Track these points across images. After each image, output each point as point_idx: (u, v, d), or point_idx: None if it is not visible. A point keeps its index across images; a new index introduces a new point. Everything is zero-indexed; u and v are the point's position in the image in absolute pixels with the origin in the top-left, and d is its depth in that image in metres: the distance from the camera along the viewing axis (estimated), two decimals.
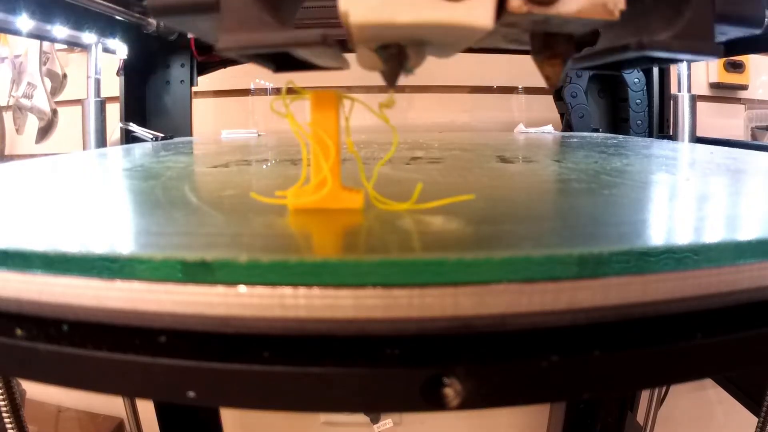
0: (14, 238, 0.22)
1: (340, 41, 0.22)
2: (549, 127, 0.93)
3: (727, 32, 0.23)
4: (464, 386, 0.18)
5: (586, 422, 0.88)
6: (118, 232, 0.24)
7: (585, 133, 0.86)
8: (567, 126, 0.91)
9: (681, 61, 0.69)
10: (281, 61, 0.24)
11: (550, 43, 0.22)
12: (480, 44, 0.25)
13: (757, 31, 0.23)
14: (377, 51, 0.22)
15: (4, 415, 0.42)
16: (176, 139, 0.82)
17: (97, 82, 0.75)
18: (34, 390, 0.94)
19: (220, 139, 0.87)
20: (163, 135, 0.81)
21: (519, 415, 1.04)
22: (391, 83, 0.23)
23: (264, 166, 0.46)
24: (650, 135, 0.90)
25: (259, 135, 0.90)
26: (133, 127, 0.81)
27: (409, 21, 0.19)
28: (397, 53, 0.22)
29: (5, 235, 0.23)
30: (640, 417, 0.88)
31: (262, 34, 0.21)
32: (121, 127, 0.82)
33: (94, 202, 0.32)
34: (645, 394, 0.88)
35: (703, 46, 0.22)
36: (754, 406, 0.54)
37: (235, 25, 0.21)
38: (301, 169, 0.43)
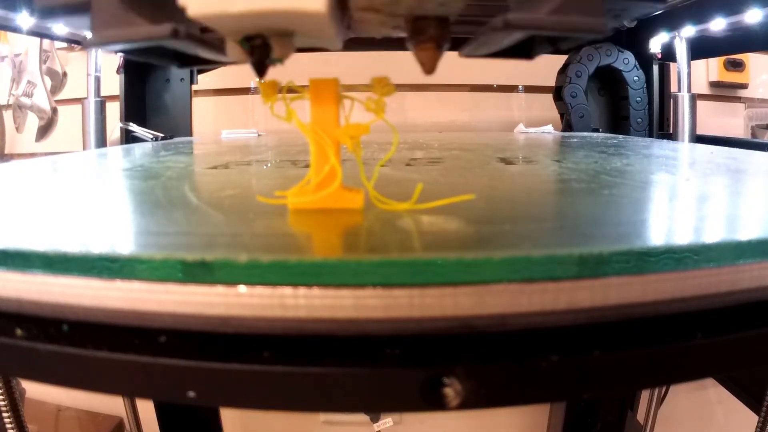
0: (14, 238, 0.22)
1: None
2: (549, 127, 0.93)
3: (627, 7, 0.22)
4: (464, 386, 0.18)
5: (586, 421, 0.88)
6: (118, 232, 0.24)
7: (585, 133, 0.86)
8: (567, 126, 0.91)
9: (576, 40, 0.69)
10: (181, 57, 0.24)
11: (421, 28, 0.22)
12: (361, 33, 0.25)
13: (659, 7, 0.22)
14: (241, 43, 0.23)
15: (4, 414, 0.42)
16: (176, 139, 0.82)
17: (97, 80, 0.75)
18: (33, 389, 0.94)
19: (220, 139, 0.87)
20: (162, 135, 0.81)
21: (519, 415, 1.04)
22: (260, 74, 0.23)
23: (264, 167, 0.46)
24: (650, 133, 0.90)
25: (259, 135, 0.90)
26: (133, 127, 0.81)
27: (242, 10, 0.19)
28: (260, 44, 0.22)
29: (5, 235, 0.23)
30: (641, 416, 0.88)
31: (120, 31, 0.21)
32: (121, 127, 0.82)
33: (95, 202, 0.32)
34: (645, 394, 0.88)
35: (586, 23, 0.20)
36: (754, 404, 0.54)
37: (100, 23, 0.22)
38: (302, 169, 0.43)
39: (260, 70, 0.23)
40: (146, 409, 0.82)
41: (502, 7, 0.21)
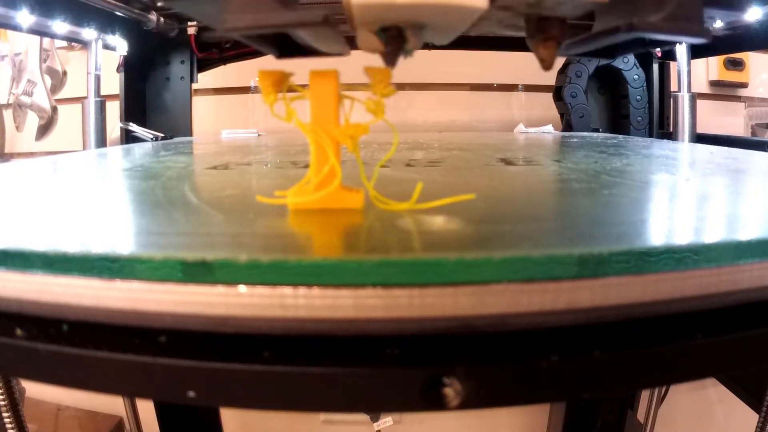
0: (14, 238, 0.22)
1: (342, 29, 0.23)
2: (549, 127, 0.93)
3: (715, 15, 0.24)
4: (464, 386, 0.18)
5: (587, 421, 0.88)
6: (119, 232, 0.24)
7: (585, 133, 0.86)
8: (567, 126, 0.91)
9: (672, 43, 0.70)
10: (284, 46, 0.24)
11: (544, 26, 0.23)
12: (478, 31, 0.26)
13: (741, 15, 0.25)
14: (377, 33, 0.23)
15: (4, 413, 0.42)
16: (176, 139, 0.82)
17: (97, 78, 0.75)
18: (33, 388, 0.94)
19: (220, 138, 0.87)
20: (162, 135, 0.81)
21: (519, 415, 1.04)
22: (391, 64, 0.23)
23: (264, 167, 0.46)
24: (650, 132, 0.90)
25: (259, 135, 0.90)
26: (133, 127, 0.81)
27: (408, 1, 0.19)
28: (396, 35, 0.23)
29: (5, 235, 0.23)
30: (641, 415, 0.88)
31: (266, 15, 0.21)
32: (120, 127, 0.82)
33: (95, 202, 0.32)
34: (645, 393, 0.88)
35: (692, 28, 0.22)
36: (754, 403, 0.54)
37: (239, 7, 0.22)
38: (302, 169, 0.43)
39: (392, 60, 0.23)
40: (146, 408, 0.82)
41: (609, 11, 0.23)
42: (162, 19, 0.80)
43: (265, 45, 0.24)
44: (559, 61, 0.93)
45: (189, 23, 0.84)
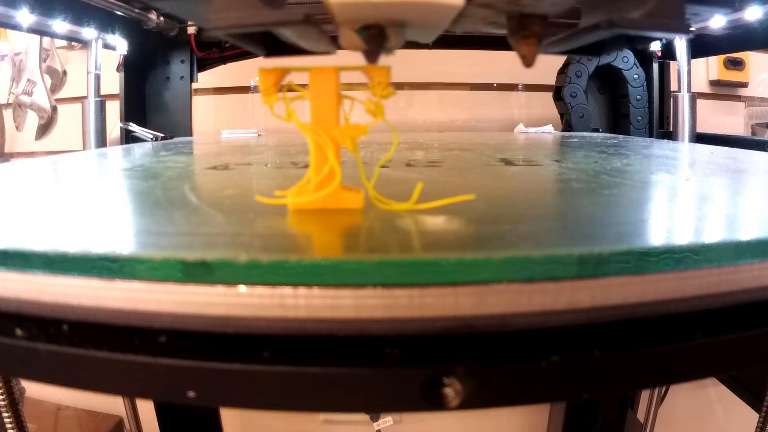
0: (14, 238, 0.22)
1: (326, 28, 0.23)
2: (549, 127, 0.93)
3: (699, 12, 0.24)
4: (464, 386, 0.18)
5: (587, 420, 0.88)
6: (119, 232, 0.24)
7: (585, 133, 0.86)
8: (567, 126, 0.91)
9: (653, 39, 0.70)
10: (271, 45, 0.25)
11: (525, 24, 0.23)
12: (461, 29, 0.26)
13: (725, 13, 0.25)
14: (359, 32, 0.23)
15: (4, 413, 0.42)
16: (176, 139, 0.82)
17: (97, 77, 0.75)
18: (33, 388, 0.94)
19: (220, 138, 0.87)
20: (162, 135, 0.81)
21: (519, 415, 1.04)
22: (372, 61, 0.24)
23: (264, 167, 0.46)
24: (651, 131, 0.90)
25: (258, 135, 0.90)
26: (133, 127, 0.81)
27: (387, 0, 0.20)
28: (377, 33, 0.23)
29: (5, 235, 0.23)
30: (641, 415, 0.88)
31: (248, 13, 0.21)
32: (120, 127, 0.82)
33: (95, 202, 0.32)
34: (645, 392, 0.88)
35: (672, 24, 0.23)
36: (755, 402, 0.54)
37: (222, 6, 0.22)
38: (302, 169, 0.43)
39: (374, 58, 0.24)
40: (146, 408, 0.82)
41: (590, 8, 0.24)
42: (162, 18, 0.80)
43: (251, 44, 0.25)
44: (559, 62, 0.93)
45: (189, 23, 0.84)
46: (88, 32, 0.73)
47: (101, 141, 0.76)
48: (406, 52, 0.98)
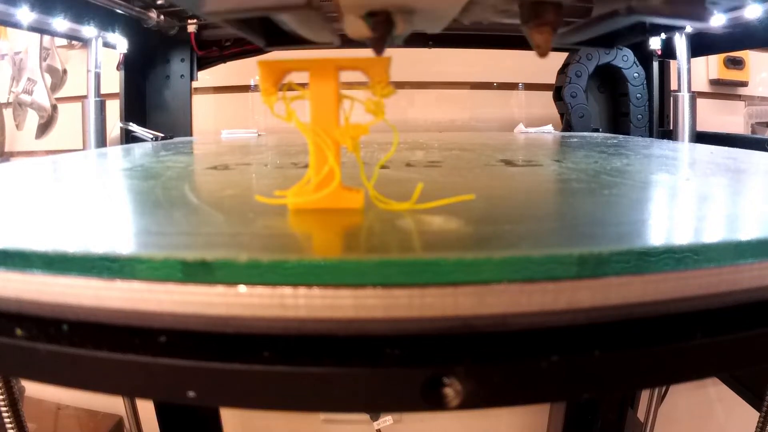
0: (14, 238, 0.22)
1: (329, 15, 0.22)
2: (549, 127, 0.93)
3: (718, 1, 0.24)
4: (464, 386, 0.18)
5: (587, 419, 0.88)
6: (119, 232, 0.24)
7: (585, 133, 0.86)
8: (567, 126, 0.91)
9: (672, 29, 0.69)
10: (271, 34, 0.24)
11: (539, 11, 0.23)
12: (471, 18, 0.26)
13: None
14: (365, 18, 0.22)
15: (4, 412, 0.42)
16: (176, 139, 0.82)
17: (97, 76, 0.75)
18: (33, 387, 0.93)
19: (220, 138, 0.87)
20: (162, 135, 0.81)
21: (519, 415, 1.04)
22: (378, 50, 0.23)
23: (264, 167, 0.46)
24: (650, 130, 0.90)
25: (258, 135, 0.90)
26: (133, 127, 0.81)
27: None
28: (384, 20, 0.22)
29: (5, 235, 0.23)
30: (641, 414, 0.88)
31: None
32: (120, 127, 0.82)
33: (95, 202, 0.32)
34: (645, 392, 0.88)
35: (693, 11, 0.22)
36: (755, 401, 0.54)
37: None
38: (302, 169, 0.43)
39: (380, 46, 0.23)
40: (146, 408, 0.82)
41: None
42: (162, 16, 0.80)
43: (250, 32, 0.24)
44: (559, 61, 0.93)
45: (189, 21, 0.84)
46: (88, 30, 0.73)
47: (101, 140, 0.76)
48: (407, 51, 0.98)
